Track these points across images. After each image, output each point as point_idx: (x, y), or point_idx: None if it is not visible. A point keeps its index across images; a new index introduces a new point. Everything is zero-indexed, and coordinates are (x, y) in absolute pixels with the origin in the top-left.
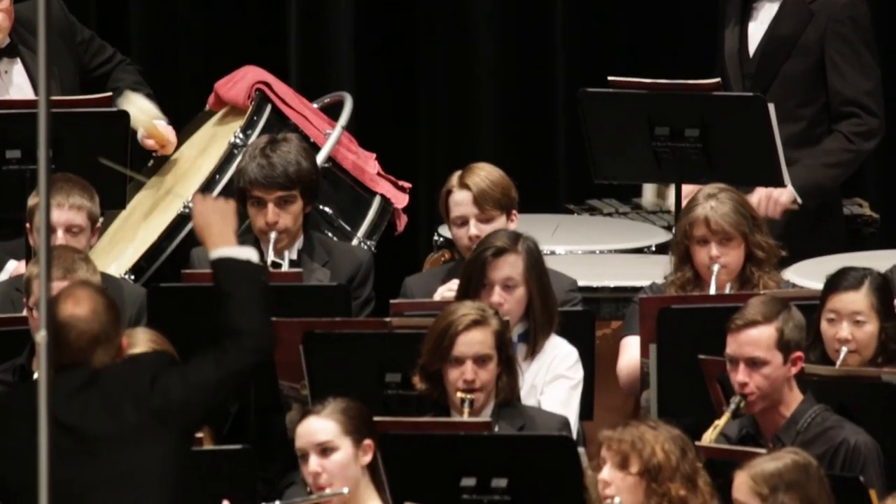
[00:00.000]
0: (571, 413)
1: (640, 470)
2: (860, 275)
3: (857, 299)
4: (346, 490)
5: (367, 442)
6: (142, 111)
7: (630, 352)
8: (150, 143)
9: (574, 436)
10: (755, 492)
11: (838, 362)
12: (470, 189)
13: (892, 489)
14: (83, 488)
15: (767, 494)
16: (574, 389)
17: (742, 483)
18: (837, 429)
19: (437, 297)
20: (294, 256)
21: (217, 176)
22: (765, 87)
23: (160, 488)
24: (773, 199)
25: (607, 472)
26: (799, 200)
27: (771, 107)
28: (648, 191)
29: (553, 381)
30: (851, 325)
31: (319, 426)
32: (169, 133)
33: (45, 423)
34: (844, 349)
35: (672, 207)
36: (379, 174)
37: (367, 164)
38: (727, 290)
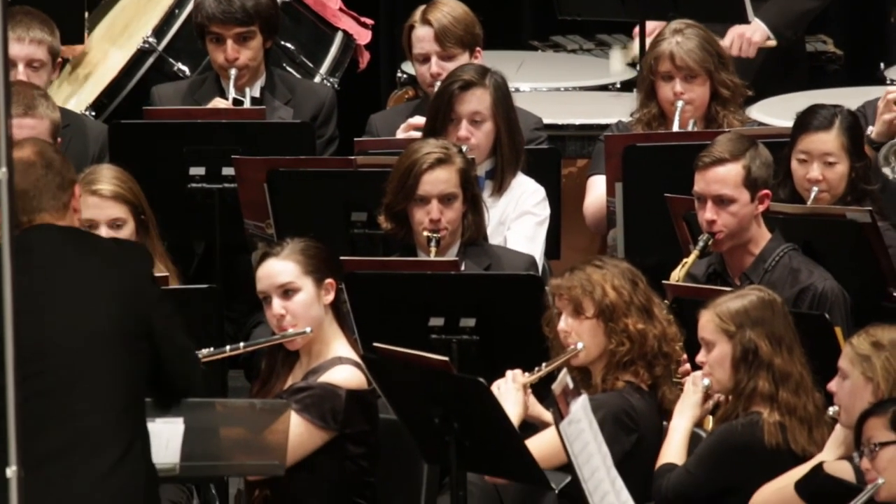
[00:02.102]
0: (537, 249)
1: (595, 312)
2: (831, 114)
3: (829, 140)
4: (309, 330)
5: (329, 281)
6: None
7: (596, 191)
8: None
9: (540, 273)
10: (721, 329)
11: (809, 201)
12: (432, 25)
13: (857, 329)
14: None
15: (733, 331)
16: (540, 226)
17: (708, 321)
18: (805, 272)
19: (401, 134)
20: (256, 94)
21: (176, 11)
22: None
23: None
24: (745, 38)
25: (564, 322)
26: (772, 38)
27: None
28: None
29: (520, 217)
30: (822, 166)
31: (279, 268)
32: None
33: (7, 260)
34: (815, 189)
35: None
36: (341, 10)
37: (329, 0)
38: (690, 128)
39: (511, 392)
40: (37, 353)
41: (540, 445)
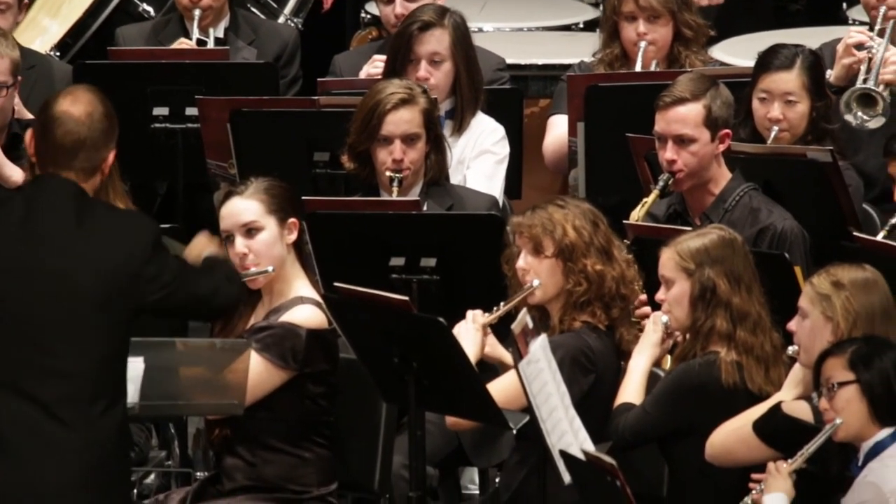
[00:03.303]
0: (496, 188)
1: (555, 252)
2: (792, 53)
3: (790, 79)
4: (271, 269)
5: (292, 220)
6: None
7: (556, 130)
8: None
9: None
10: (681, 267)
11: (769, 141)
12: None
13: (817, 268)
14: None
15: (693, 269)
16: (499, 165)
17: (668, 259)
18: (765, 212)
19: (364, 74)
20: (220, 34)
21: None
22: None
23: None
24: None
25: (523, 260)
26: None
27: None
28: None
29: (479, 156)
30: (783, 105)
31: (243, 206)
32: None
33: None
34: (776, 128)
35: None
36: None
37: None
38: (653, 68)
39: (470, 332)
40: (16, 311)
41: (501, 388)
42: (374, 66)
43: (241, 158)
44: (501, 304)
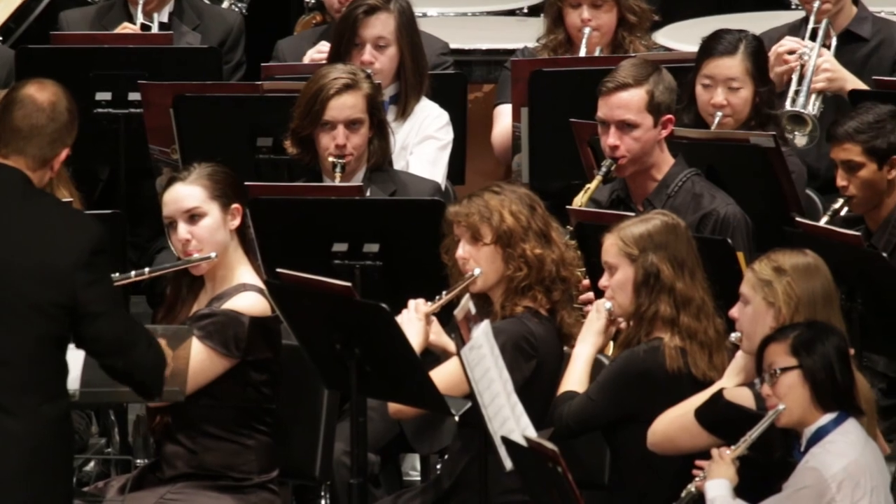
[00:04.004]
0: (439, 173)
1: (493, 239)
2: (735, 39)
3: (733, 65)
4: (214, 255)
5: (235, 206)
6: None
7: (503, 120)
8: None
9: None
10: (624, 253)
11: (713, 126)
12: None
13: (760, 253)
14: None
15: (636, 255)
16: (442, 150)
17: (611, 245)
18: (708, 197)
19: (307, 59)
20: (164, 19)
21: None
22: None
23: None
24: None
25: (462, 248)
26: None
27: None
28: None
29: (422, 141)
30: (726, 91)
31: (186, 192)
32: None
33: None
34: (719, 114)
35: None
36: None
37: None
38: (597, 54)
39: (413, 322)
40: None
41: (443, 375)
42: (318, 51)
43: (183, 144)
44: (443, 292)
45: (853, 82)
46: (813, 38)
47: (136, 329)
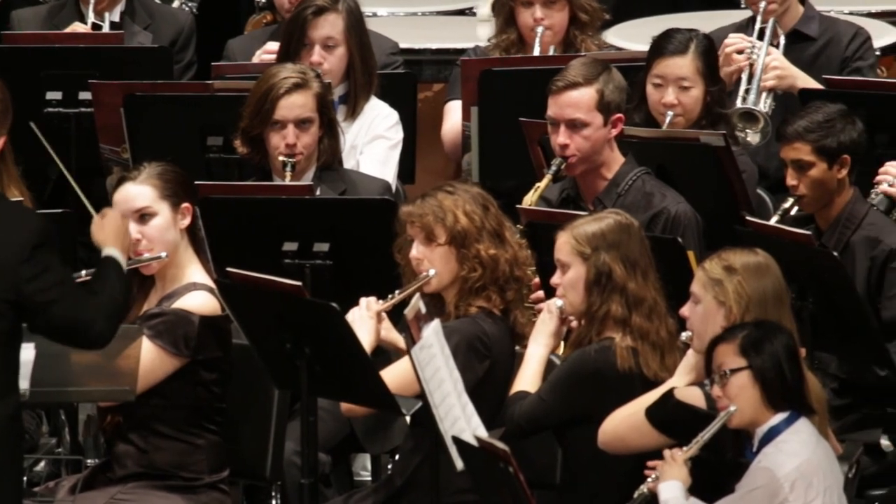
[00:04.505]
0: (389, 173)
1: (447, 239)
2: (686, 38)
3: (684, 64)
4: (164, 255)
5: (186, 205)
6: None
7: (454, 116)
8: None
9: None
10: (577, 251)
11: (664, 126)
12: None
13: (710, 252)
14: None
15: (589, 254)
16: (392, 150)
17: (564, 243)
18: (658, 196)
19: (257, 59)
20: (116, 18)
21: None
22: None
23: None
24: None
25: (416, 249)
26: None
27: None
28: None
29: (372, 141)
30: (677, 90)
31: (136, 192)
32: None
33: None
34: (670, 113)
35: None
36: None
37: None
38: (551, 53)
39: (364, 320)
40: None
41: (394, 374)
42: (267, 51)
43: (134, 143)
44: (396, 291)
45: (803, 80)
46: (760, 37)
47: (89, 306)
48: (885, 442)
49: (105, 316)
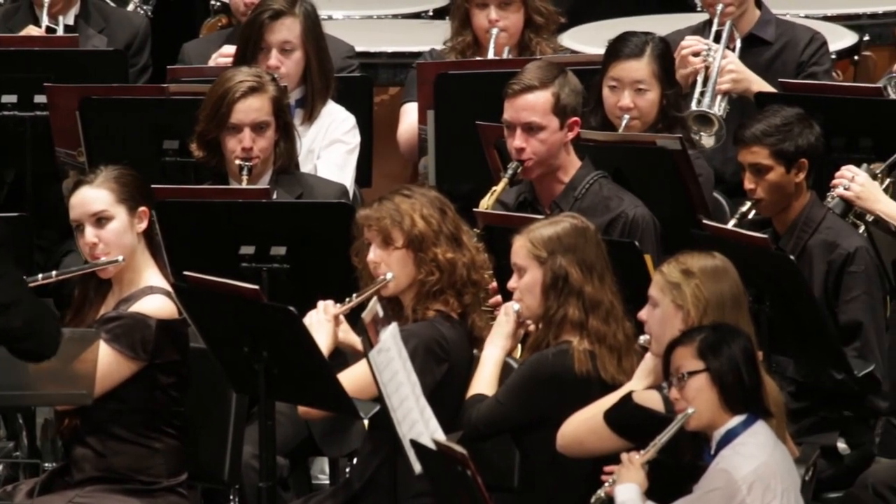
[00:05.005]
0: (347, 177)
1: (405, 243)
2: (641, 41)
3: (639, 67)
4: (121, 259)
5: (142, 209)
6: None
7: (409, 118)
8: None
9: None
10: (533, 255)
11: (620, 129)
12: None
13: (667, 256)
14: None
15: (545, 258)
16: (350, 154)
17: (520, 247)
18: (616, 199)
19: (213, 62)
20: (70, 22)
21: None
22: None
23: None
24: None
25: (374, 252)
26: None
27: None
28: None
29: (329, 145)
30: (633, 93)
31: (93, 196)
32: None
33: None
34: (626, 116)
35: None
36: None
37: None
38: (505, 55)
39: (322, 323)
40: None
41: (352, 377)
42: (223, 54)
43: (90, 146)
44: (354, 295)
45: (758, 83)
46: (717, 40)
47: (41, 308)
48: (841, 445)
49: (53, 316)
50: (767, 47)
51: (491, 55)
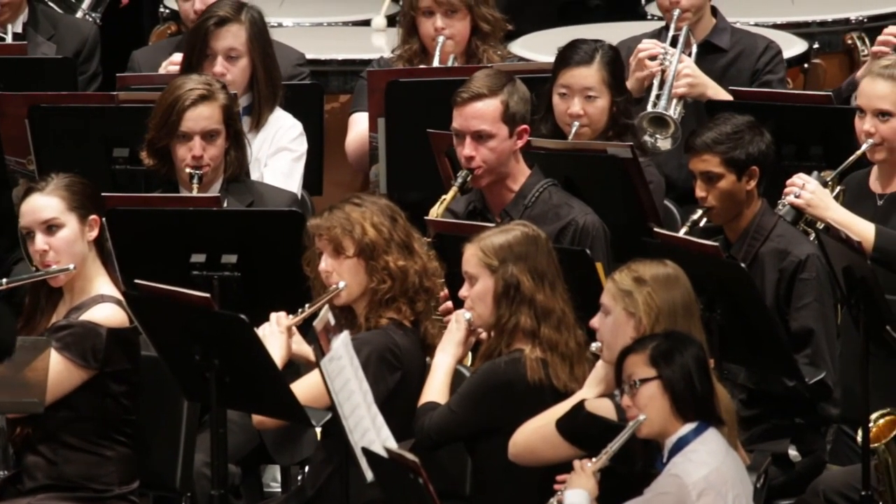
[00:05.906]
0: (294, 185)
1: (356, 251)
2: (591, 49)
3: (589, 74)
4: (72, 267)
5: (93, 217)
6: None
7: (357, 127)
8: None
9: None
10: (484, 264)
11: (570, 136)
12: None
13: (618, 264)
14: None
15: (496, 266)
16: (297, 161)
17: (471, 255)
18: (566, 207)
19: (163, 70)
20: (19, 29)
21: None
22: None
23: None
24: None
25: (325, 262)
26: None
27: None
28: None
29: (276, 153)
30: (583, 100)
31: (43, 203)
32: None
33: None
34: (576, 124)
35: None
36: None
37: None
38: (450, 63)
39: (275, 335)
40: None
41: (305, 386)
42: (173, 62)
43: (39, 154)
44: (306, 305)
45: (714, 89)
46: (674, 45)
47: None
48: (792, 452)
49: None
50: (722, 54)
51: (437, 63)
